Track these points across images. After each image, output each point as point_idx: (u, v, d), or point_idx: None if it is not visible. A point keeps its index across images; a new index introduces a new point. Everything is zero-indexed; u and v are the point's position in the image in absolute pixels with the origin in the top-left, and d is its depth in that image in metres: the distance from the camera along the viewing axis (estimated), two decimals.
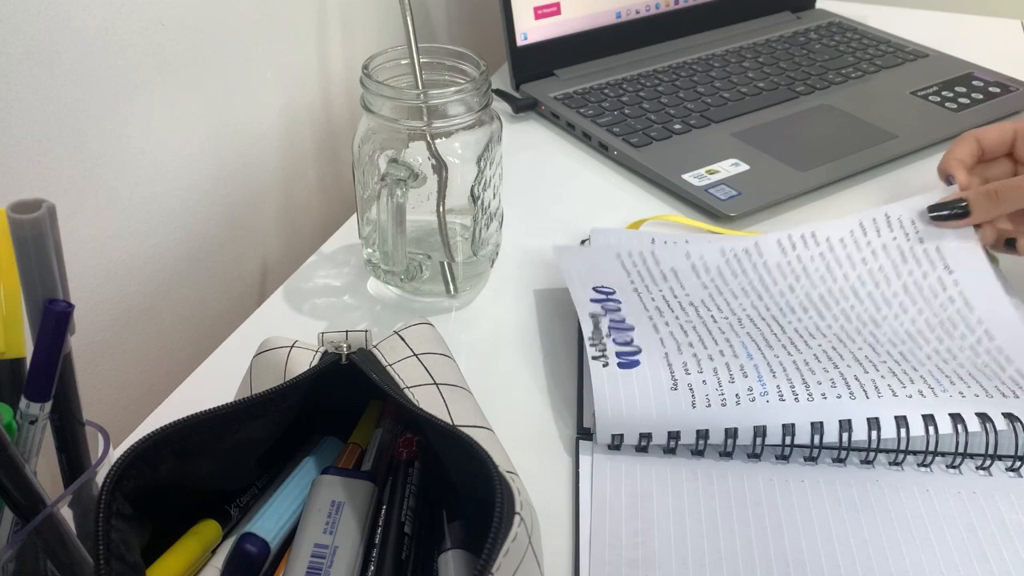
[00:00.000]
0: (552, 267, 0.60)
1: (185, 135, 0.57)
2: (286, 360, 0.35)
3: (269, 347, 0.37)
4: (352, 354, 0.36)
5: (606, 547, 0.39)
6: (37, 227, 0.27)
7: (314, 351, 0.36)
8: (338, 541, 0.33)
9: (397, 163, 0.50)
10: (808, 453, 0.43)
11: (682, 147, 0.72)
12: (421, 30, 0.84)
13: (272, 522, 0.34)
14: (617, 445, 0.44)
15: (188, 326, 0.60)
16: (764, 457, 0.44)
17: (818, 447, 0.43)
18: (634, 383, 0.45)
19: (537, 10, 0.81)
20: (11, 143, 0.45)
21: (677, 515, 0.40)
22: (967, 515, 0.41)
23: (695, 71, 0.84)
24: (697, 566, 0.38)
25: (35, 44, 0.44)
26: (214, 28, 0.57)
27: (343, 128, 0.74)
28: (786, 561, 0.38)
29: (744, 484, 0.42)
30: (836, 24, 0.95)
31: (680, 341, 0.48)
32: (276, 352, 0.36)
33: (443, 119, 0.51)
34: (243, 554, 0.32)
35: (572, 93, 0.80)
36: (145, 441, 0.29)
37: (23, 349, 0.29)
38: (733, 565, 0.38)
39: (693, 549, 0.39)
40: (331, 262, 0.61)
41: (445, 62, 0.54)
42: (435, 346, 0.38)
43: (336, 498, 0.34)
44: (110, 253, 0.53)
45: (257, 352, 0.37)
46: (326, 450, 0.38)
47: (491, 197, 0.55)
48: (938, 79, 0.83)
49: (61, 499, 0.28)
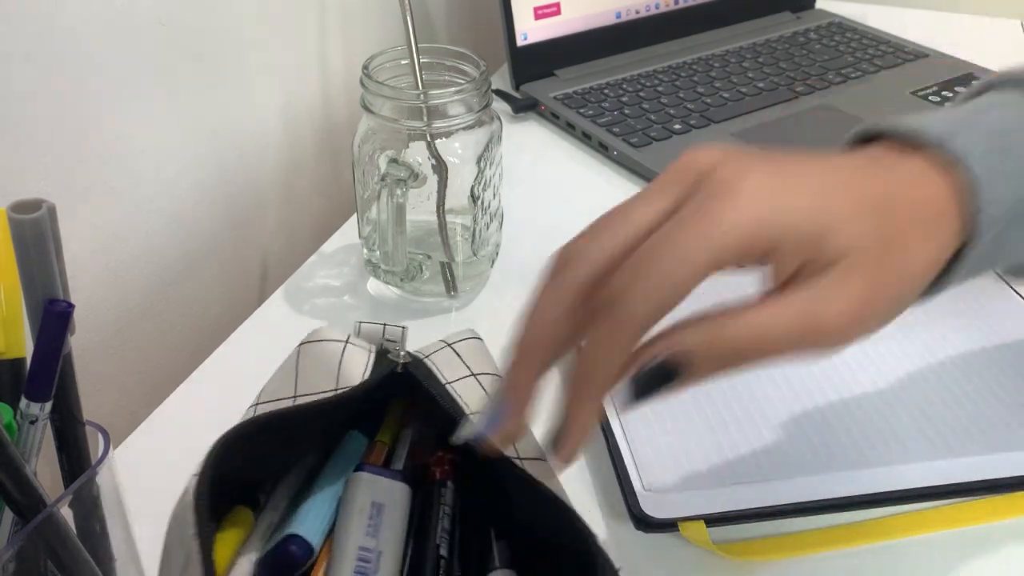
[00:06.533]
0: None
1: (185, 135, 0.57)
2: (340, 358, 0.34)
3: (321, 338, 0.35)
4: (407, 364, 0.34)
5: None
6: (37, 227, 0.27)
7: (367, 351, 0.35)
8: (382, 545, 0.32)
9: (397, 163, 0.50)
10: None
11: (682, 147, 0.72)
12: (421, 30, 0.84)
13: (315, 523, 0.33)
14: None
15: (188, 326, 0.60)
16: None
17: None
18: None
19: (537, 10, 0.81)
20: (11, 143, 0.45)
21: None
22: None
23: (695, 71, 0.84)
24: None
25: (35, 44, 0.44)
26: (214, 28, 0.57)
27: (343, 128, 0.74)
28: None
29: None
30: (836, 24, 0.95)
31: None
32: (329, 346, 0.35)
33: (443, 119, 0.51)
34: (286, 554, 0.31)
35: (572, 93, 0.80)
36: (235, 432, 0.29)
37: (23, 349, 0.28)
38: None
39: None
40: (331, 262, 0.61)
41: (445, 62, 0.54)
42: (489, 365, 0.36)
43: (376, 499, 0.33)
44: (110, 253, 0.53)
45: (306, 340, 0.36)
46: (352, 446, 0.38)
47: (491, 197, 0.55)
48: (938, 79, 0.83)
49: (61, 499, 0.28)
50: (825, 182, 0.29)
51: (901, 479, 0.42)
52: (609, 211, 0.29)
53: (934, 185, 0.30)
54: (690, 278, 0.26)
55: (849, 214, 0.28)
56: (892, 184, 0.30)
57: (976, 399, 0.46)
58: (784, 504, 0.41)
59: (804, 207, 0.27)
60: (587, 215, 0.31)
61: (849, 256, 0.28)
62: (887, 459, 0.43)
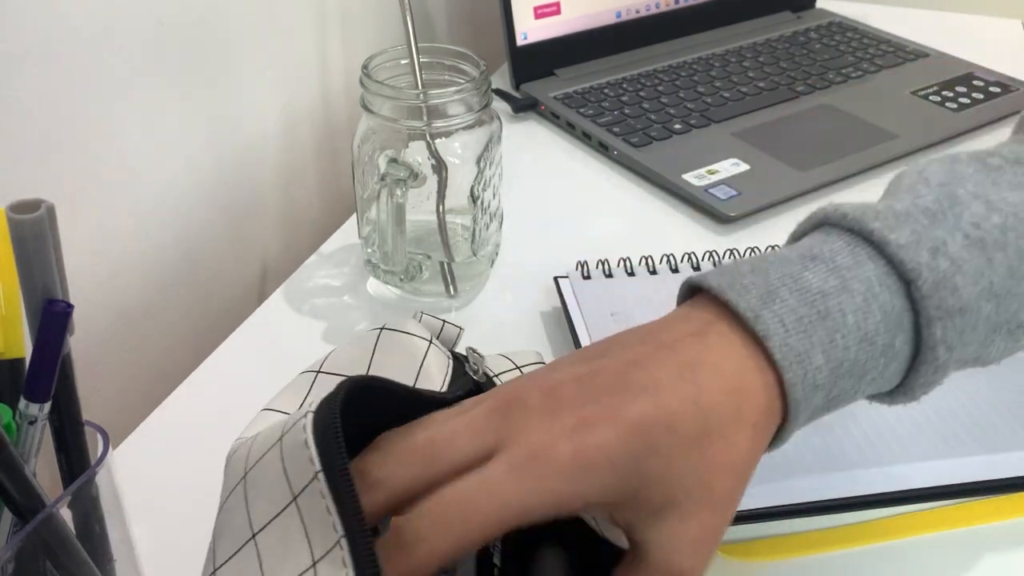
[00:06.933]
0: (552, 267, 0.60)
1: (185, 135, 0.57)
2: (423, 358, 0.33)
3: (407, 330, 0.34)
4: (482, 384, 0.33)
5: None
6: (37, 227, 0.27)
7: (447, 358, 0.34)
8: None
9: (397, 163, 0.50)
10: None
11: (682, 147, 0.72)
12: (421, 30, 0.84)
13: None
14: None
15: (188, 326, 0.60)
16: None
17: None
18: None
19: (537, 10, 0.81)
20: (11, 143, 0.45)
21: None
22: None
23: (695, 71, 0.84)
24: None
25: (35, 44, 0.44)
26: (214, 28, 0.57)
27: (343, 128, 0.74)
28: None
29: None
30: (836, 24, 0.95)
31: None
32: (414, 341, 0.34)
33: (443, 119, 0.51)
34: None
35: (572, 93, 0.80)
36: (362, 381, 0.27)
37: (22, 349, 0.28)
38: None
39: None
40: (331, 262, 0.61)
41: (445, 62, 0.54)
42: None
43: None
44: (110, 253, 0.53)
45: (391, 327, 0.35)
46: None
47: (491, 197, 0.55)
48: (939, 79, 0.83)
49: (61, 499, 0.28)
50: (631, 427, 0.27)
51: (901, 479, 0.42)
52: (430, 432, 0.28)
53: (748, 377, 0.28)
54: (488, 534, 0.26)
55: (648, 475, 0.27)
56: (703, 378, 0.28)
57: (976, 399, 0.46)
58: (784, 504, 0.41)
59: (599, 486, 0.26)
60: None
61: (672, 500, 0.27)
62: (887, 459, 0.43)
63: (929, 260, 0.30)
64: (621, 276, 0.56)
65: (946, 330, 0.30)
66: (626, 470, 0.26)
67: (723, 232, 0.64)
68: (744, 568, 0.40)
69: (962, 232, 0.31)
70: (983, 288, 0.31)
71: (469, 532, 0.25)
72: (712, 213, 0.64)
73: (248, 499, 0.27)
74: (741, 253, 0.56)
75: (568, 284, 0.55)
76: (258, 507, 0.27)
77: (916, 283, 0.30)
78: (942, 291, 0.30)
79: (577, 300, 0.53)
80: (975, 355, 0.33)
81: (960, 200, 0.32)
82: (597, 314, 0.52)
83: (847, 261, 0.30)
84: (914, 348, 0.31)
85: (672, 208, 0.67)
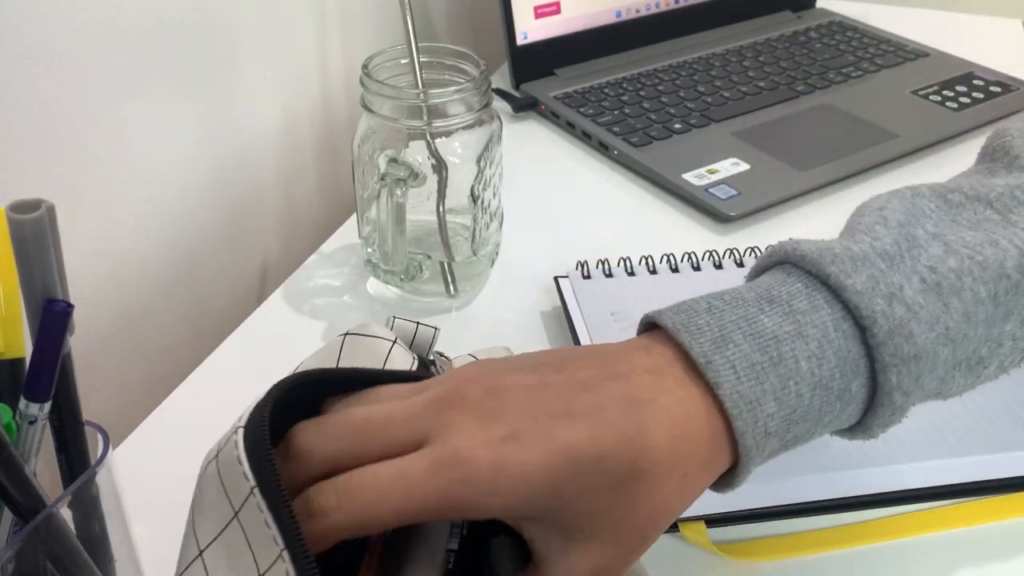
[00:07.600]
0: (552, 267, 0.60)
1: (185, 135, 0.57)
2: (386, 357, 0.34)
3: (369, 333, 0.34)
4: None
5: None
6: (37, 227, 0.27)
7: (412, 357, 0.34)
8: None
9: (397, 163, 0.50)
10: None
11: (682, 147, 0.72)
12: (421, 30, 0.84)
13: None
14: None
15: (188, 326, 0.60)
16: None
17: None
18: None
19: (537, 9, 0.81)
20: (11, 143, 0.45)
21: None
22: None
23: (695, 70, 0.84)
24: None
25: (35, 44, 0.44)
26: (214, 28, 0.57)
27: (343, 128, 0.74)
28: None
29: None
30: (836, 23, 0.95)
31: None
32: (376, 342, 0.34)
33: (443, 118, 0.51)
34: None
35: (572, 92, 0.80)
36: (296, 380, 0.28)
37: (22, 349, 0.28)
38: None
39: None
40: (331, 262, 0.61)
41: (445, 61, 0.54)
42: None
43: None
44: (110, 253, 0.53)
45: (353, 331, 0.35)
46: None
47: (491, 197, 0.55)
48: (939, 78, 0.83)
49: (61, 499, 0.28)
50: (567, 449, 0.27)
51: (901, 479, 0.42)
52: (370, 410, 0.28)
53: (693, 426, 0.28)
54: (391, 522, 0.26)
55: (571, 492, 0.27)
56: (647, 418, 0.28)
57: (976, 399, 0.46)
58: (784, 504, 0.41)
59: (524, 497, 0.26)
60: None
61: (583, 530, 0.27)
62: (887, 459, 0.43)
63: (885, 307, 0.30)
64: (621, 276, 0.56)
65: (901, 376, 0.30)
66: (542, 492, 0.26)
67: (723, 232, 0.64)
68: (744, 568, 0.40)
69: (919, 276, 0.31)
70: (939, 334, 0.30)
71: (372, 517, 0.26)
72: (712, 213, 0.64)
73: (195, 516, 0.28)
74: (741, 253, 0.56)
75: (568, 284, 0.55)
76: (203, 525, 0.27)
77: (871, 330, 0.29)
78: (897, 338, 0.29)
79: (577, 300, 0.53)
80: (936, 391, 0.33)
81: (918, 242, 0.32)
82: (597, 314, 0.52)
83: (803, 305, 0.30)
84: (870, 392, 0.31)
85: (672, 208, 0.67)
